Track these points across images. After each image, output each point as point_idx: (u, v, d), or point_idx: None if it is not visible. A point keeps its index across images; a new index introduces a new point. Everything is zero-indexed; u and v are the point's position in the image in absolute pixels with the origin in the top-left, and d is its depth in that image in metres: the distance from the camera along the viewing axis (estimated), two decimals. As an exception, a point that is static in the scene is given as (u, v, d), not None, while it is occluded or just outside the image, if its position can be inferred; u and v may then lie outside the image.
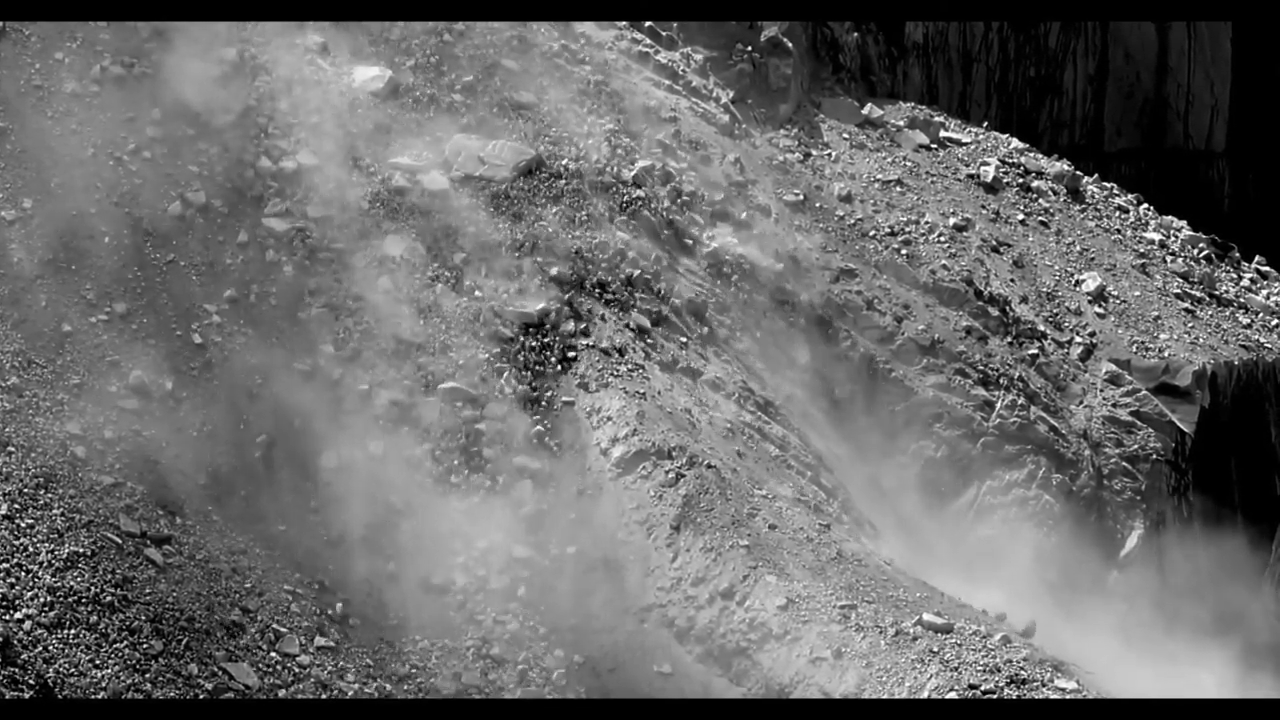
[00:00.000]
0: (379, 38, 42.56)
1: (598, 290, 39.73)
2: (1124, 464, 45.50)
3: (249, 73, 40.40)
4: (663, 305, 40.63)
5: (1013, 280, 47.47)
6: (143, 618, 31.27)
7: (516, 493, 36.67)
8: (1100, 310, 47.92)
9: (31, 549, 31.15)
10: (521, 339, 38.26)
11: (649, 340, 39.75)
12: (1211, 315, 49.45)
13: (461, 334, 38.21)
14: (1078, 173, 52.65)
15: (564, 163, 41.28)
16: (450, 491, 36.39)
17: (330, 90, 40.91)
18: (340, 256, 38.41)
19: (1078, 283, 48.45)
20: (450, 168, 39.73)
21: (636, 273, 40.50)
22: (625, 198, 42.12)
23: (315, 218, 38.75)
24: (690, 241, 42.73)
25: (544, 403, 37.81)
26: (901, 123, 50.85)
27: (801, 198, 46.24)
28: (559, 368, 38.18)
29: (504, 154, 39.72)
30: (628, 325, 39.64)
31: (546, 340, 38.44)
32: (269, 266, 37.91)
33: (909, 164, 49.45)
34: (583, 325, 38.80)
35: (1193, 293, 49.92)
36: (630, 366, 38.78)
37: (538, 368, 38.09)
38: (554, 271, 39.38)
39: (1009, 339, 45.95)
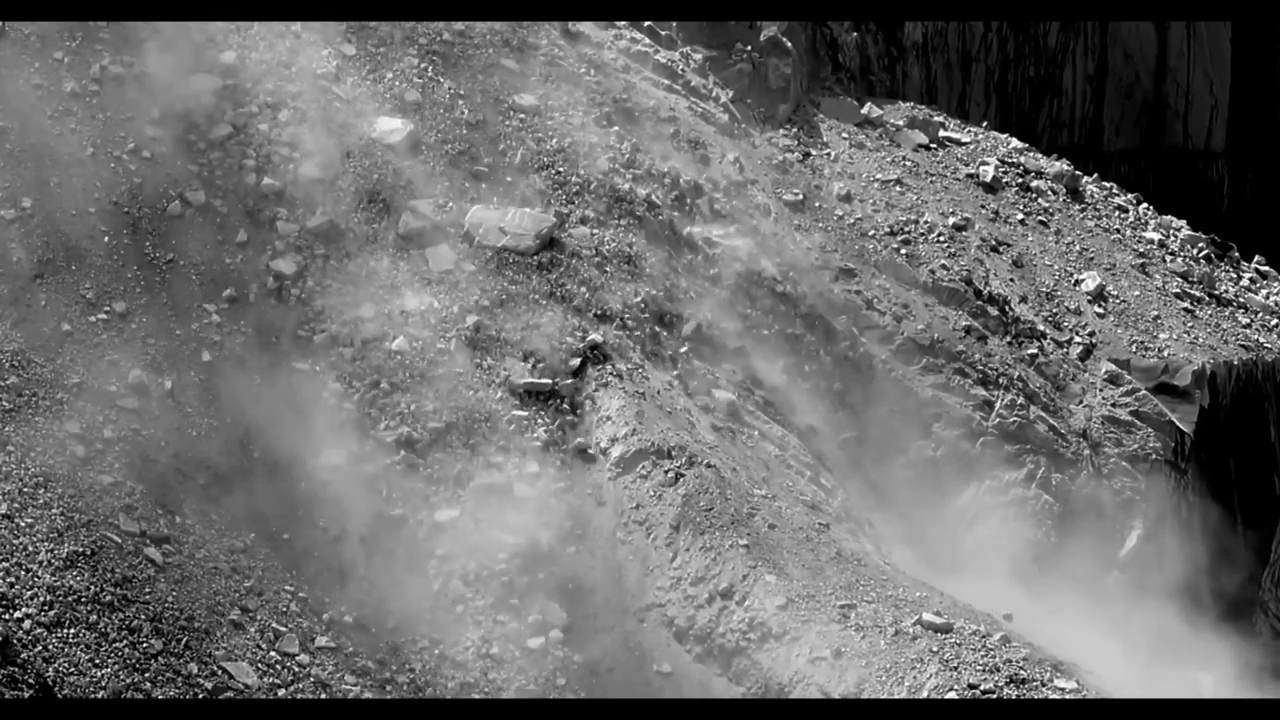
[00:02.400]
0: (389, 51, 42.52)
1: (603, 312, 39.72)
2: (1123, 464, 45.50)
3: (251, 78, 40.40)
4: (663, 305, 40.64)
5: (1012, 280, 47.48)
6: (142, 617, 31.28)
7: (516, 493, 36.67)
8: (1100, 310, 47.92)
9: (31, 548, 31.16)
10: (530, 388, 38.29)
11: (649, 340, 39.76)
12: (1211, 315, 49.46)
13: (465, 344, 38.21)
14: (1077, 172, 52.66)
15: (579, 225, 41.10)
16: (450, 491, 36.39)
17: (336, 107, 40.89)
18: (339, 271, 38.41)
19: (1077, 282, 48.46)
20: (471, 240, 39.30)
21: (642, 289, 40.53)
22: (626, 199, 42.12)
23: (314, 228, 38.74)
24: (689, 241, 42.73)
25: (544, 403, 37.82)
26: (901, 122, 50.86)
27: (801, 197, 46.24)
28: (567, 381, 38.20)
29: (525, 223, 39.32)
30: (628, 326, 39.70)
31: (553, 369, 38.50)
32: (268, 268, 37.92)
33: (908, 164, 49.46)
34: (592, 349, 38.73)
35: (1192, 292, 49.93)
36: (630, 366, 38.79)
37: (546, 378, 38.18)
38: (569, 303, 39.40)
39: (1008, 339, 45.95)
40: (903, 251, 46.27)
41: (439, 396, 37.27)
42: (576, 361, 38.20)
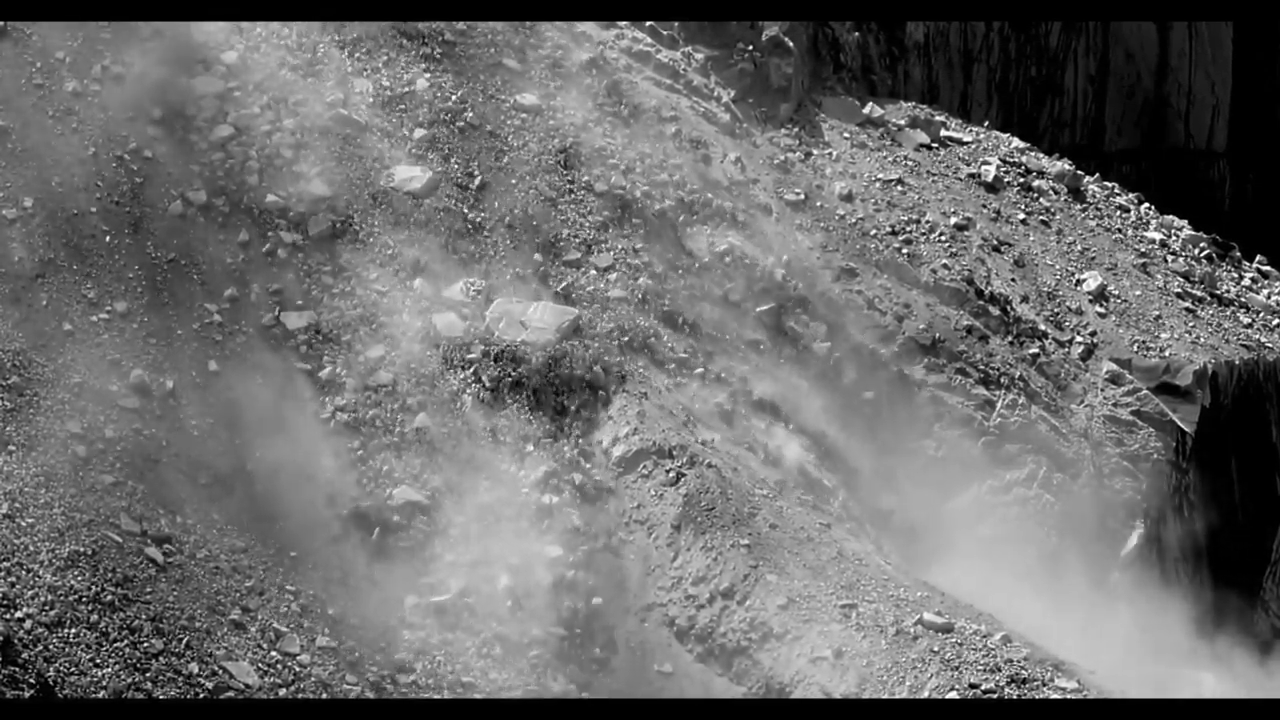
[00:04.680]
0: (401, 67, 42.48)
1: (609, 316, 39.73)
2: (1125, 464, 45.49)
3: (253, 79, 40.38)
4: (664, 305, 40.66)
5: (1014, 279, 47.47)
6: (143, 617, 31.30)
7: (517, 493, 36.67)
8: (1101, 310, 47.92)
9: (32, 548, 31.18)
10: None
11: (649, 340, 39.76)
12: (1212, 315, 49.44)
13: (465, 352, 38.25)
14: (1079, 172, 52.63)
15: (580, 225, 41.06)
16: (451, 491, 36.41)
17: (336, 108, 40.83)
18: (346, 296, 38.41)
19: (1078, 282, 48.45)
20: (491, 333, 38.67)
21: (643, 288, 40.50)
22: (627, 199, 42.13)
23: (315, 235, 38.71)
24: (690, 241, 42.72)
25: (546, 404, 37.86)
26: (902, 122, 50.83)
27: (802, 197, 46.23)
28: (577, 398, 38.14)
29: (546, 316, 38.81)
30: (628, 327, 39.71)
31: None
32: (271, 270, 37.93)
33: (910, 163, 49.44)
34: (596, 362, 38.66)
35: (1194, 292, 49.91)
36: (631, 366, 38.79)
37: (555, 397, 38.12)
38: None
39: (1010, 338, 45.94)
40: (904, 251, 46.26)
41: (439, 384, 37.32)
42: (586, 394, 38.09)
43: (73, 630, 30.38)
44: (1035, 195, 50.68)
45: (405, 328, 37.99)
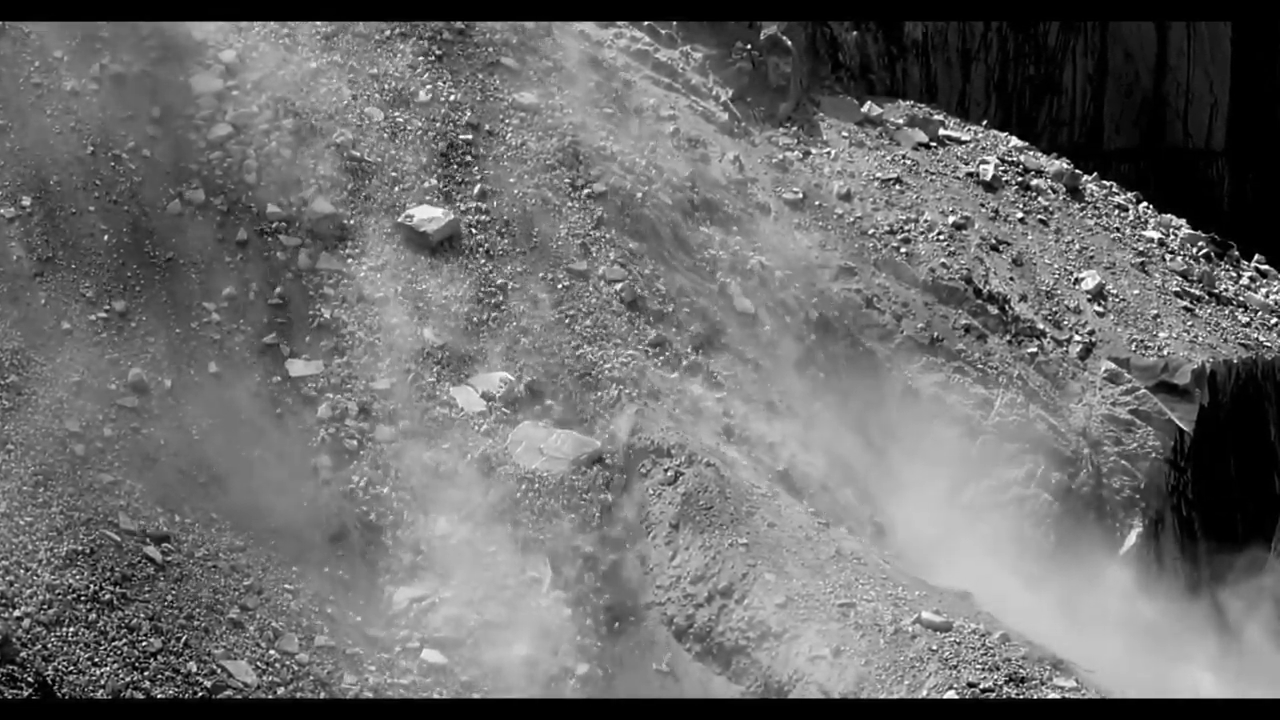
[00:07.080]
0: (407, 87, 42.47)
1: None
2: (1123, 462, 45.51)
3: (251, 78, 40.35)
4: (662, 304, 40.67)
5: (1012, 279, 47.48)
6: (141, 615, 31.30)
7: (517, 491, 36.67)
8: (1099, 309, 47.94)
9: (30, 547, 31.20)
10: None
11: (649, 339, 39.76)
12: (1211, 314, 49.47)
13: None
14: (1077, 171, 52.67)
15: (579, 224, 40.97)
16: (451, 490, 36.42)
17: (335, 111, 40.82)
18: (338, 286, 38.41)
19: (1077, 281, 48.47)
20: (509, 454, 38.06)
21: (640, 287, 40.50)
22: (626, 198, 42.13)
23: (324, 270, 38.69)
24: (689, 240, 42.74)
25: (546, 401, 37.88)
26: (901, 121, 50.85)
27: (801, 196, 46.24)
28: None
29: (565, 446, 38.01)
30: (628, 333, 39.71)
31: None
32: (270, 272, 37.91)
33: (908, 162, 49.46)
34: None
35: (1192, 291, 49.94)
36: (631, 366, 38.78)
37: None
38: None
39: (1008, 337, 45.96)
40: (902, 250, 46.28)
41: (438, 384, 37.34)
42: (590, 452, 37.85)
43: (71, 629, 30.39)
44: (1033, 194, 50.70)
45: (415, 371, 37.85)
